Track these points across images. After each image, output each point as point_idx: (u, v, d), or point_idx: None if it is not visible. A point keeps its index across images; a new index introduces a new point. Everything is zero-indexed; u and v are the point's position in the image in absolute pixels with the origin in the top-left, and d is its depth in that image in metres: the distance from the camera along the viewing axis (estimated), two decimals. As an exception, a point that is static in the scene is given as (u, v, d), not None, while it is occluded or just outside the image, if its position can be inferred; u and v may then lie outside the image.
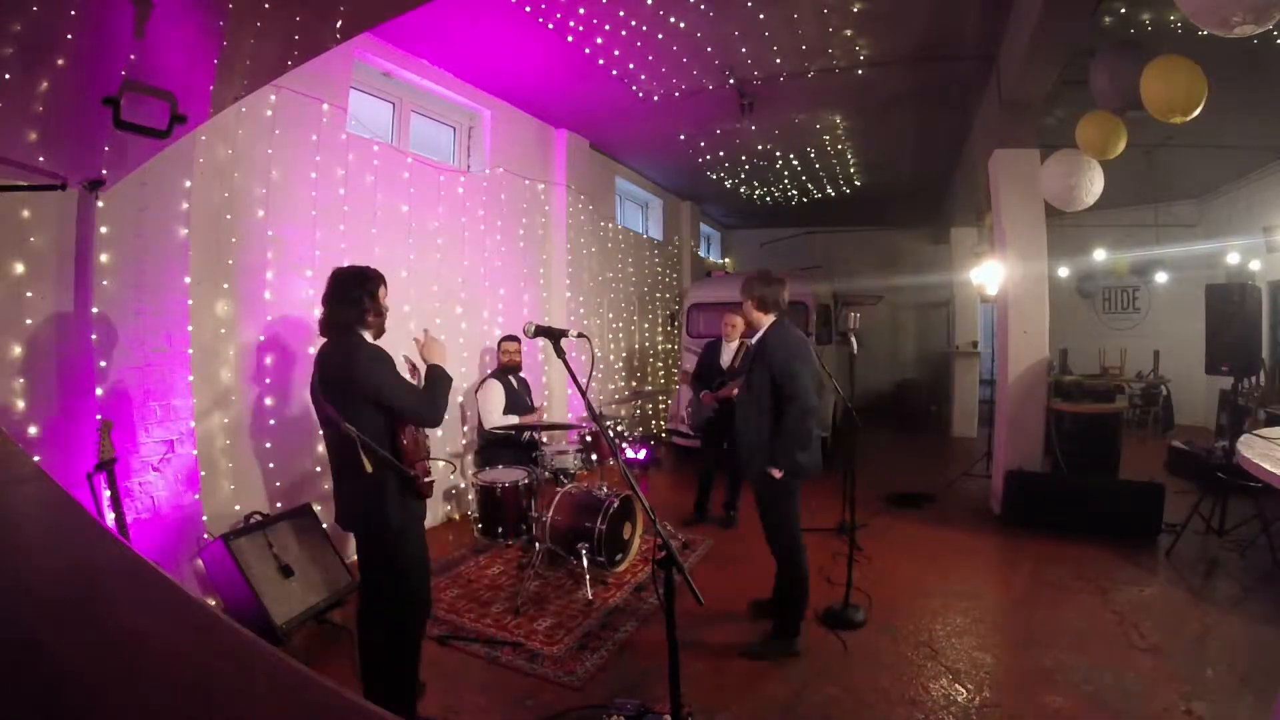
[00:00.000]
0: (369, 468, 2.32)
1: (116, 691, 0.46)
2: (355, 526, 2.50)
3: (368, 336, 2.45)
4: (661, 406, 9.06)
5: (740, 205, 10.47)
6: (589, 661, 3.00)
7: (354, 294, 2.43)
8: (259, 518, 3.44)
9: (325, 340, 2.46)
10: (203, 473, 3.38)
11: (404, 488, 2.43)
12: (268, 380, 3.87)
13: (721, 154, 7.76)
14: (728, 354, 5.19)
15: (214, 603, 3.14)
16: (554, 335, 2.05)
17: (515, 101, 6.07)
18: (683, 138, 7.13)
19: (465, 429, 5.44)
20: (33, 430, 2.75)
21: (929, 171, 8.49)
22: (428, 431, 2.62)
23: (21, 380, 2.72)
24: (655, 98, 5.88)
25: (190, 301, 3.32)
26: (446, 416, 2.58)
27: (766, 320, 3.29)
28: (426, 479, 2.50)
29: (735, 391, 3.96)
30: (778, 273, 3.51)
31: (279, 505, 3.77)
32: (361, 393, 2.33)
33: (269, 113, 3.88)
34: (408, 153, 5.04)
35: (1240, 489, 4.23)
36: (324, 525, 3.69)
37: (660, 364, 9.25)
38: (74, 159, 2.76)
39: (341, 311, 2.41)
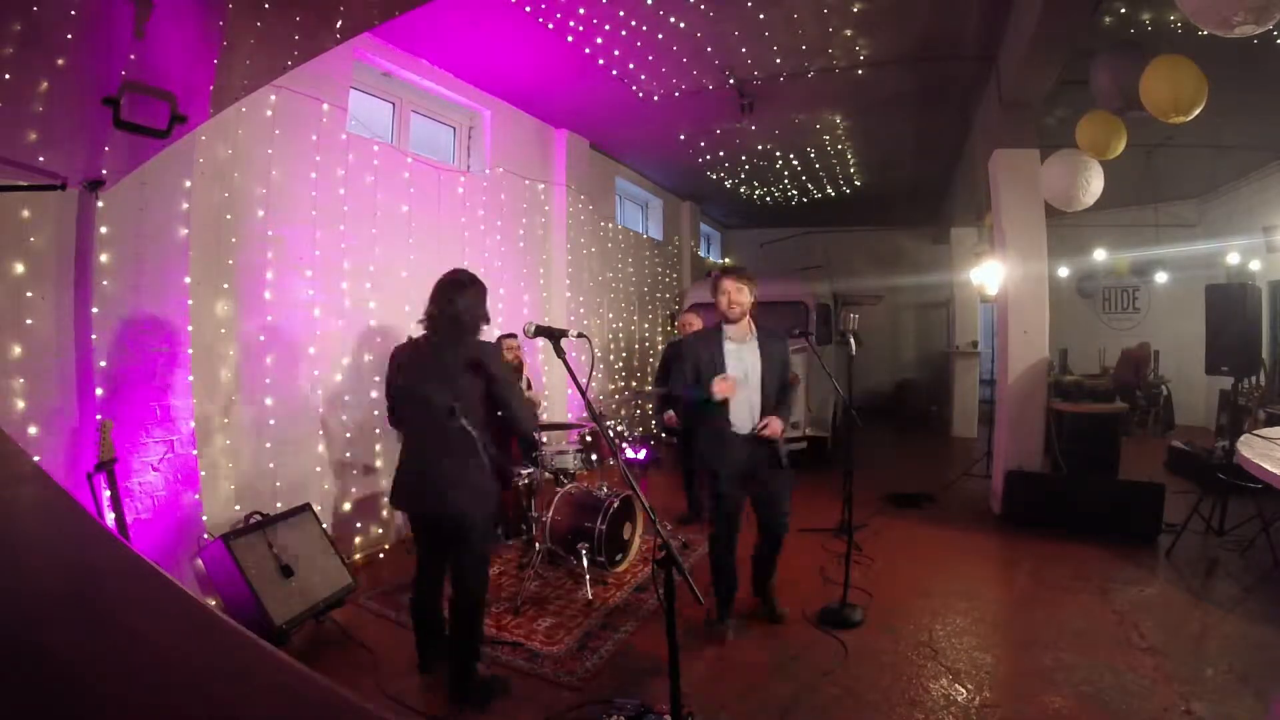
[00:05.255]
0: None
1: (116, 691, 0.46)
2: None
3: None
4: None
5: (740, 205, 10.47)
6: (589, 661, 3.00)
7: (484, 299, 2.72)
8: (259, 518, 3.44)
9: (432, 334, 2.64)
10: (203, 473, 3.38)
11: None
12: (268, 380, 3.87)
13: (721, 154, 7.76)
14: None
15: (214, 603, 3.14)
16: (554, 335, 2.05)
17: (515, 101, 6.07)
18: (683, 138, 7.13)
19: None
20: (33, 430, 2.75)
21: (929, 171, 8.49)
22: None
23: (21, 380, 2.72)
24: (655, 98, 5.87)
25: (190, 301, 3.32)
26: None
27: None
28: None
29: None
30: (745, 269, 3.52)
31: (279, 505, 3.77)
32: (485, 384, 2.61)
33: (269, 113, 3.88)
34: (408, 153, 5.04)
35: (1240, 489, 4.23)
36: (324, 525, 3.69)
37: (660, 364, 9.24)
38: (74, 159, 2.76)
39: (478, 311, 2.68)
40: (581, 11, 4.36)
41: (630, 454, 5.46)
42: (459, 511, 2.58)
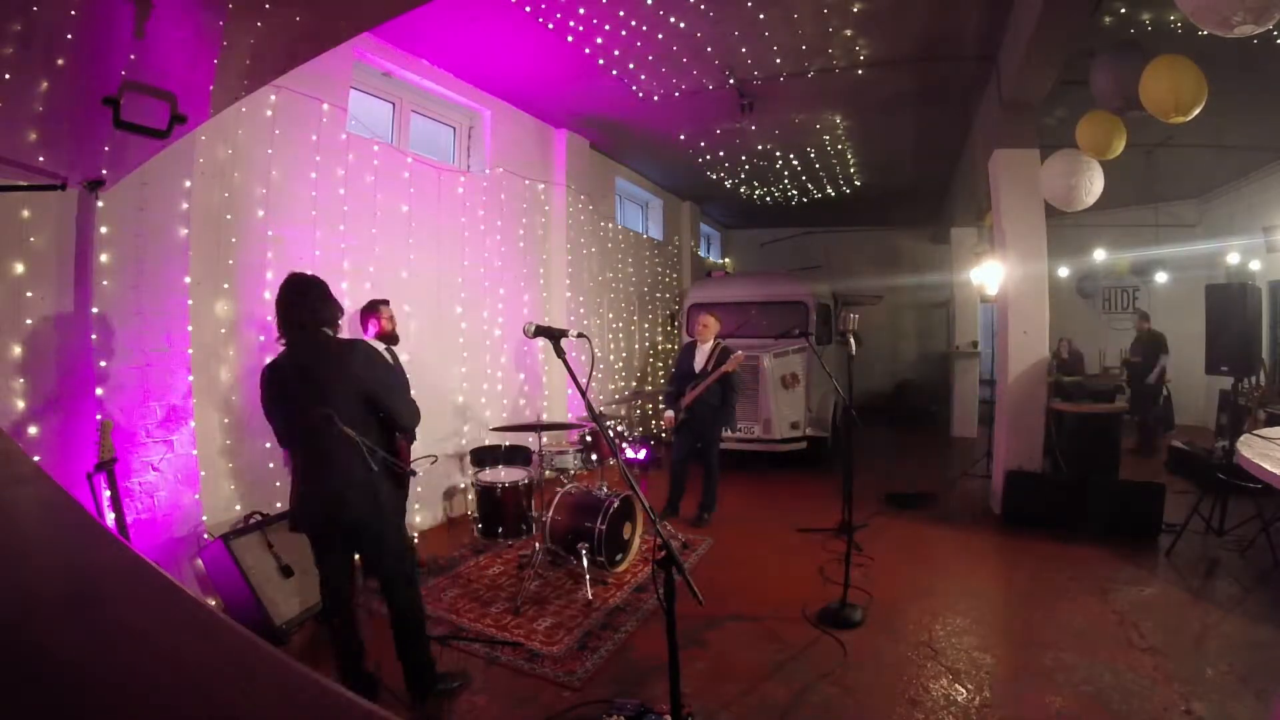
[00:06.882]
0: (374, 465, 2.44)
1: (116, 691, 0.46)
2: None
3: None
4: (662, 406, 9.07)
5: (740, 205, 10.47)
6: (589, 661, 3.00)
7: (328, 294, 2.61)
8: (259, 518, 3.44)
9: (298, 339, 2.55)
10: (203, 473, 3.38)
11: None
12: (268, 380, 3.87)
13: (721, 154, 7.76)
14: (701, 356, 5.21)
15: (214, 603, 3.14)
16: (554, 335, 2.04)
17: (515, 101, 6.07)
18: (683, 138, 7.13)
19: (466, 428, 5.44)
20: (33, 430, 2.75)
21: (929, 171, 8.49)
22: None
23: (21, 380, 2.72)
24: (655, 98, 5.87)
25: (190, 301, 3.32)
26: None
27: None
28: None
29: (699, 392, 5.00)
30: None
31: (279, 505, 3.77)
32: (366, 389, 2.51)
33: (269, 113, 3.88)
34: (408, 153, 5.04)
35: (1240, 489, 4.23)
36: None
37: (660, 364, 9.25)
38: (74, 159, 2.76)
39: (329, 310, 2.59)
40: (581, 11, 4.36)
41: (630, 454, 5.46)
42: (359, 518, 2.50)
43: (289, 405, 2.51)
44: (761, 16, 4.46)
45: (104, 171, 2.86)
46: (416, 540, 4.74)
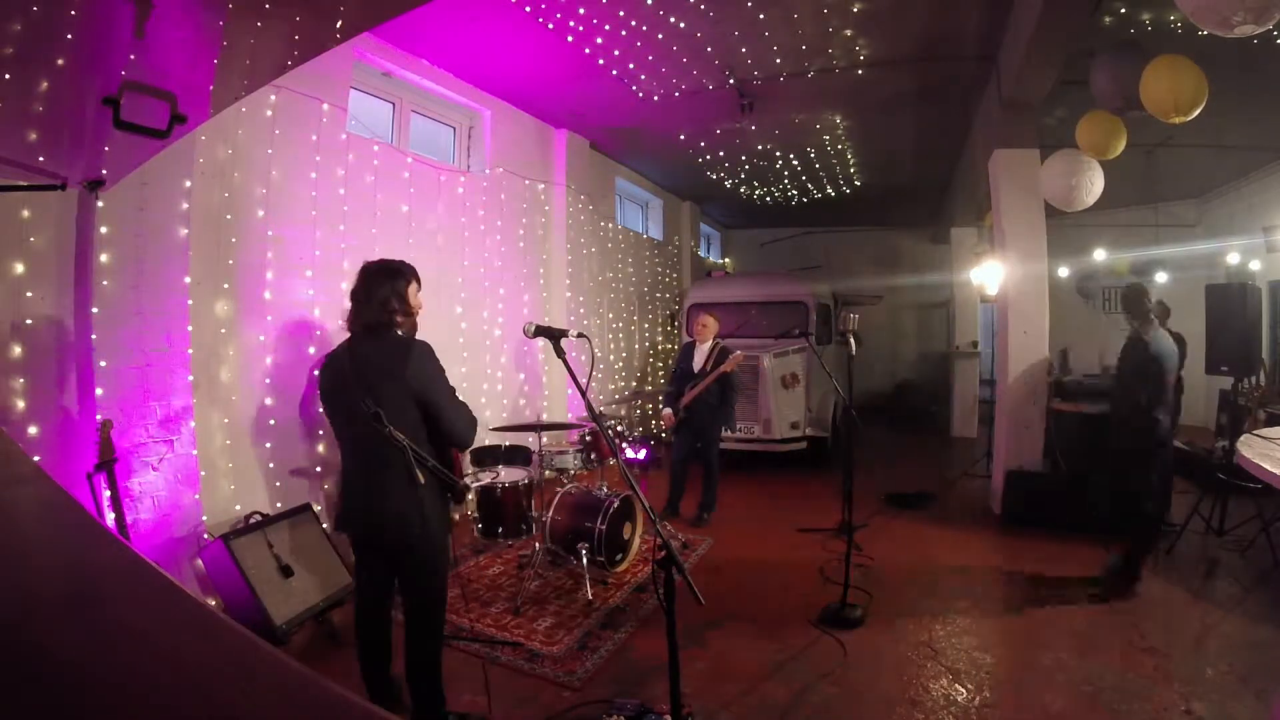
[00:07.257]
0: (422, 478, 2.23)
1: (116, 691, 0.46)
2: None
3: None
4: (662, 406, 9.07)
5: (740, 205, 10.47)
6: (589, 661, 3.00)
7: (403, 286, 2.40)
8: (259, 518, 3.44)
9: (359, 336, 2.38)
10: (203, 473, 3.38)
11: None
12: (268, 380, 3.87)
13: (721, 154, 7.76)
14: (700, 356, 5.20)
15: (214, 603, 3.14)
16: (554, 335, 2.04)
17: (515, 101, 6.07)
18: (683, 138, 7.13)
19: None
20: (33, 430, 2.75)
21: (929, 171, 8.50)
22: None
23: (21, 380, 2.72)
24: (655, 98, 5.88)
25: (190, 301, 3.32)
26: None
27: None
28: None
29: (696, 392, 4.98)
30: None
31: (279, 505, 3.77)
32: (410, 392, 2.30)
33: (269, 113, 3.88)
34: (408, 153, 5.04)
35: (1240, 489, 4.22)
36: (324, 525, 3.69)
37: (660, 364, 9.25)
38: (74, 159, 2.76)
39: (396, 303, 2.38)
40: (581, 11, 4.36)
41: (630, 454, 5.46)
42: (398, 540, 2.33)
43: (340, 400, 2.36)
44: (761, 16, 4.46)
45: (104, 171, 2.86)
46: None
